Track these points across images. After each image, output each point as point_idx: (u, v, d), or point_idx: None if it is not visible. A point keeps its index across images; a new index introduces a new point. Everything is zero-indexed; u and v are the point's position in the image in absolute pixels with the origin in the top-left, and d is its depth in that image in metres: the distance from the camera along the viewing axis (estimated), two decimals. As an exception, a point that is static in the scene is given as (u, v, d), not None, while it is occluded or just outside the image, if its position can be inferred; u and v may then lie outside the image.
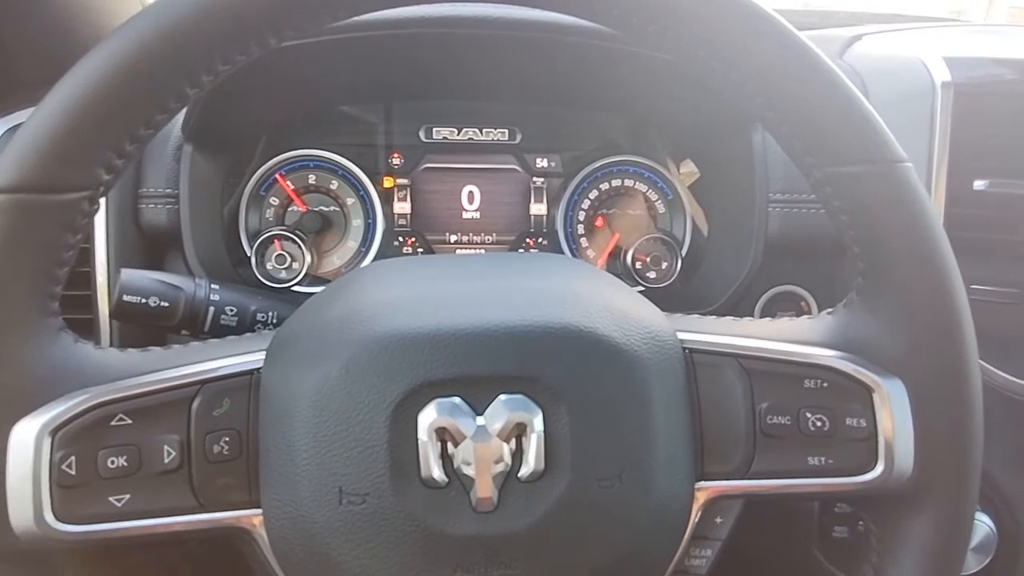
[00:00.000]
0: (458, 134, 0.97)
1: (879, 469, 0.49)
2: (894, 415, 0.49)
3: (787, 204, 0.84)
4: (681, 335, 0.52)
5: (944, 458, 0.49)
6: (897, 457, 0.49)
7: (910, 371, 0.49)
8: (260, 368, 0.49)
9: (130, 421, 0.46)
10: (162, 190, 0.83)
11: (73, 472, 0.45)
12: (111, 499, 0.45)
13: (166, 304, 0.64)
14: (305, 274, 0.92)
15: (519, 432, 0.45)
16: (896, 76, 0.83)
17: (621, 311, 0.50)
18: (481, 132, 0.97)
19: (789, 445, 0.50)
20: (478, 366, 0.45)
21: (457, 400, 0.45)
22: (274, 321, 0.70)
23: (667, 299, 0.99)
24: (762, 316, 0.91)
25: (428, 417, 0.44)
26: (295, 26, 0.47)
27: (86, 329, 0.80)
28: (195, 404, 0.48)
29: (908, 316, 0.49)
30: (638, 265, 0.96)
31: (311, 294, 0.98)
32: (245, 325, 0.68)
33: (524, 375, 0.45)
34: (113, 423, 0.46)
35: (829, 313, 0.54)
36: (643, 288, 0.97)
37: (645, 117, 0.97)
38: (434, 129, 0.97)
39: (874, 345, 0.50)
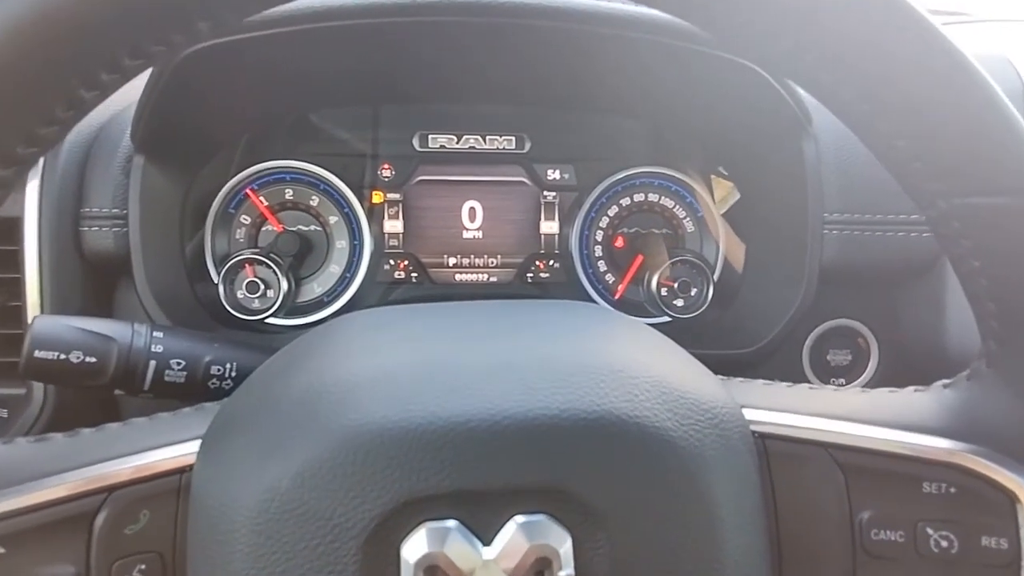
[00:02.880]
0: (457, 142, 0.85)
1: (1026, 606, 0.36)
2: (1048, 533, 0.36)
3: (846, 226, 0.72)
4: (748, 413, 0.39)
5: None
6: (1051, 590, 0.36)
7: None
8: (192, 465, 0.37)
9: (3, 550, 0.34)
10: (108, 210, 0.71)
11: (-81, 628, 0.32)
12: (-25, 662, 0.33)
13: (93, 359, 0.52)
14: (281, 304, 0.80)
15: (541, 568, 0.34)
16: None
17: (674, 388, 0.37)
18: (484, 139, 0.85)
19: (903, 570, 0.37)
20: (484, 475, 0.34)
21: (455, 524, 0.33)
22: (232, 375, 0.57)
23: (698, 334, 0.88)
24: (811, 354, 0.79)
25: (416, 549, 0.33)
26: (235, 6, 0.35)
27: (14, 377, 0.68)
28: (99, 520, 0.36)
29: None
30: (664, 292, 0.84)
31: (288, 328, 0.89)
32: (196, 381, 0.56)
33: (547, 487, 0.34)
34: (-20, 554, 0.33)
35: (946, 386, 0.41)
36: (669, 319, 0.85)
37: (672, 122, 0.84)
38: (430, 136, 0.85)
39: (1017, 435, 0.37)
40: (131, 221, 0.70)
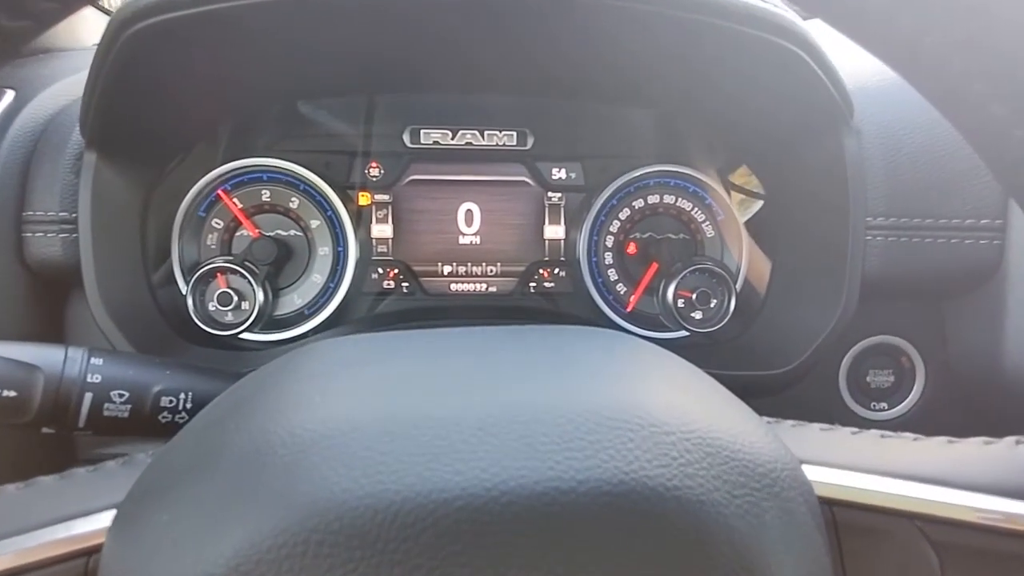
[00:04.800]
0: (452, 137, 0.77)
1: None
2: None
3: (891, 232, 0.63)
4: (810, 472, 0.31)
5: None
6: None
7: None
8: (101, 545, 0.29)
9: None
10: (55, 213, 0.63)
11: None
12: None
13: (12, 393, 0.43)
14: (256, 317, 0.72)
15: None
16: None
17: (721, 445, 0.29)
18: (482, 135, 0.77)
19: None
20: (476, 569, 0.25)
21: None
22: (187, 406, 0.49)
23: (719, 352, 0.78)
24: (849, 374, 0.71)
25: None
26: None
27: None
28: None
29: None
30: (681, 303, 0.76)
31: (264, 343, 0.81)
32: (142, 415, 0.48)
33: None
34: None
35: None
36: (687, 334, 0.76)
37: (692, 113, 0.76)
38: (422, 131, 0.77)
39: None
40: (81, 225, 0.62)
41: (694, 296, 0.76)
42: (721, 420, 0.31)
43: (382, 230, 0.77)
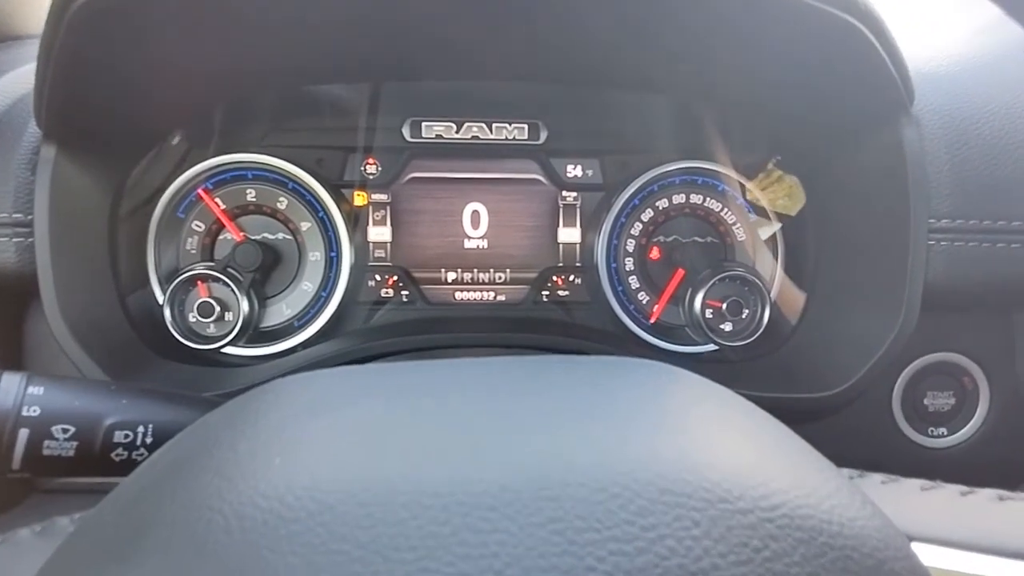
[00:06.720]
0: (457, 130, 0.71)
1: None
2: None
3: (957, 235, 0.56)
4: (923, 554, 0.24)
5: None
6: None
7: None
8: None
9: None
10: (8, 215, 0.56)
11: None
12: None
13: (-71, 431, 0.36)
14: (241, 329, 0.66)
15: None
16: None
17: (815, 524, 0.23)
18: (490, 128, 0.72)
19: None
20: None
21: None
22: (147, 441, 0.42)
23: (754, 370, 0.69)
24: (904, 396, 0.63)
25: None
26: None
27: None
28: None
29: None
30: (709, 313, 0.71)
31: (250, 359, 0.72)
32: (91, 454, 0.41)
33: None
34: None
35: None
36: (716, 347, 0.69)
37: (723, 103, 0.68)
38: (423, 123, 0.71)
39: None
40: (38, 229, 0.55)
41: (724, 306, 0.69)
42: (807, 487, 0.24)
43: (379, 233, 0.71)
